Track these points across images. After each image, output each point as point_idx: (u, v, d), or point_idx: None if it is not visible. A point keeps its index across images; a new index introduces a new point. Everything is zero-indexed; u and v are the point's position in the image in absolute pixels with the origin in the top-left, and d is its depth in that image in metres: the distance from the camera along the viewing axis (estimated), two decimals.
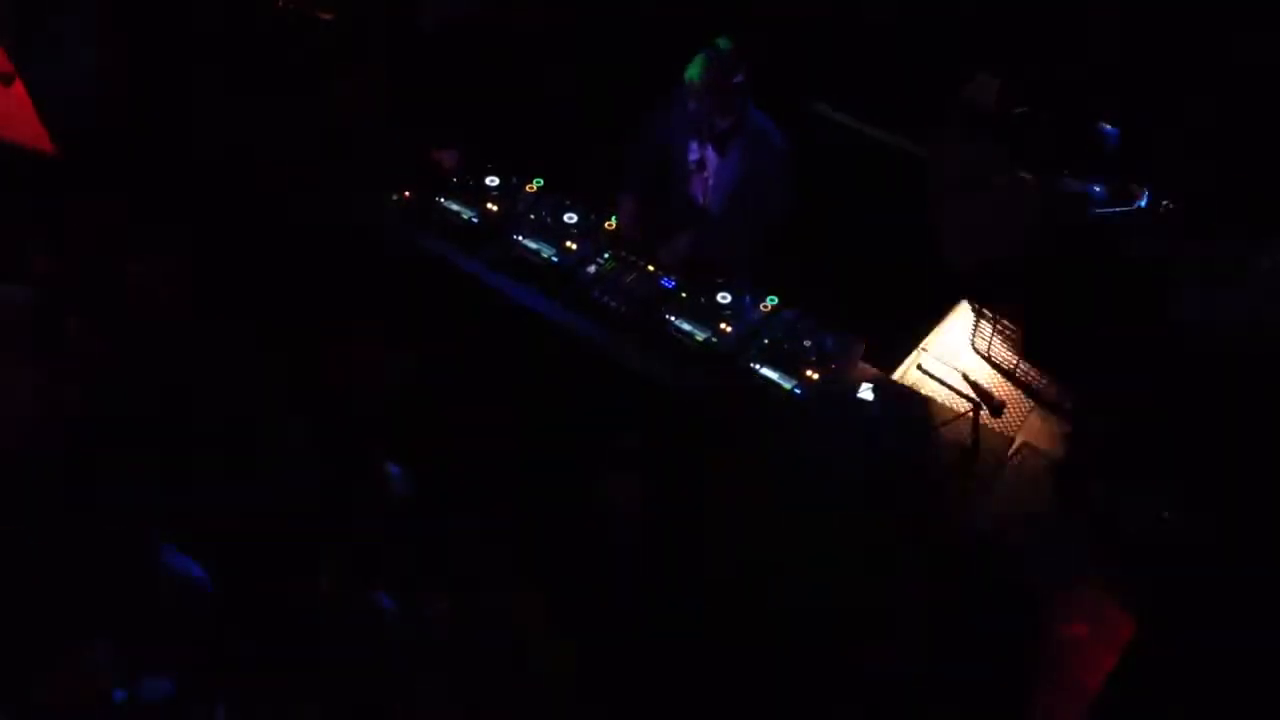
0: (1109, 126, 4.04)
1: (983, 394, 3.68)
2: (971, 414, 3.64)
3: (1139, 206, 3.92)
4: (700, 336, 3.96)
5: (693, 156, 4.28)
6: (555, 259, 4.20)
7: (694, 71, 4.02)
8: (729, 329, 3.97)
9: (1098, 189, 3.97)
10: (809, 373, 3.83)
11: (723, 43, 4.01)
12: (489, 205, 4.36)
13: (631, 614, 3.84)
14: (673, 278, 4.13)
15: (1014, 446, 3.69)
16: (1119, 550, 3.40)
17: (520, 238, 4.25)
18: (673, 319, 3.99)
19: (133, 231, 4.52)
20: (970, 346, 4.05)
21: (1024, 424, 3.81)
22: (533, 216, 4.33)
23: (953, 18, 4.31)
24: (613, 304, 4.07)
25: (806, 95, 4.79)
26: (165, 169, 4.66)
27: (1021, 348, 3.93)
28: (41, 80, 4.59)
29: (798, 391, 3.79)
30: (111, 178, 4.59)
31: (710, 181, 4.28)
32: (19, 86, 4.61)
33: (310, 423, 3.96)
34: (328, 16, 4.73)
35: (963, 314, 4.17)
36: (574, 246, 4.23)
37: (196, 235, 4.60)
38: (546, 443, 4.22)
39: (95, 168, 4.59)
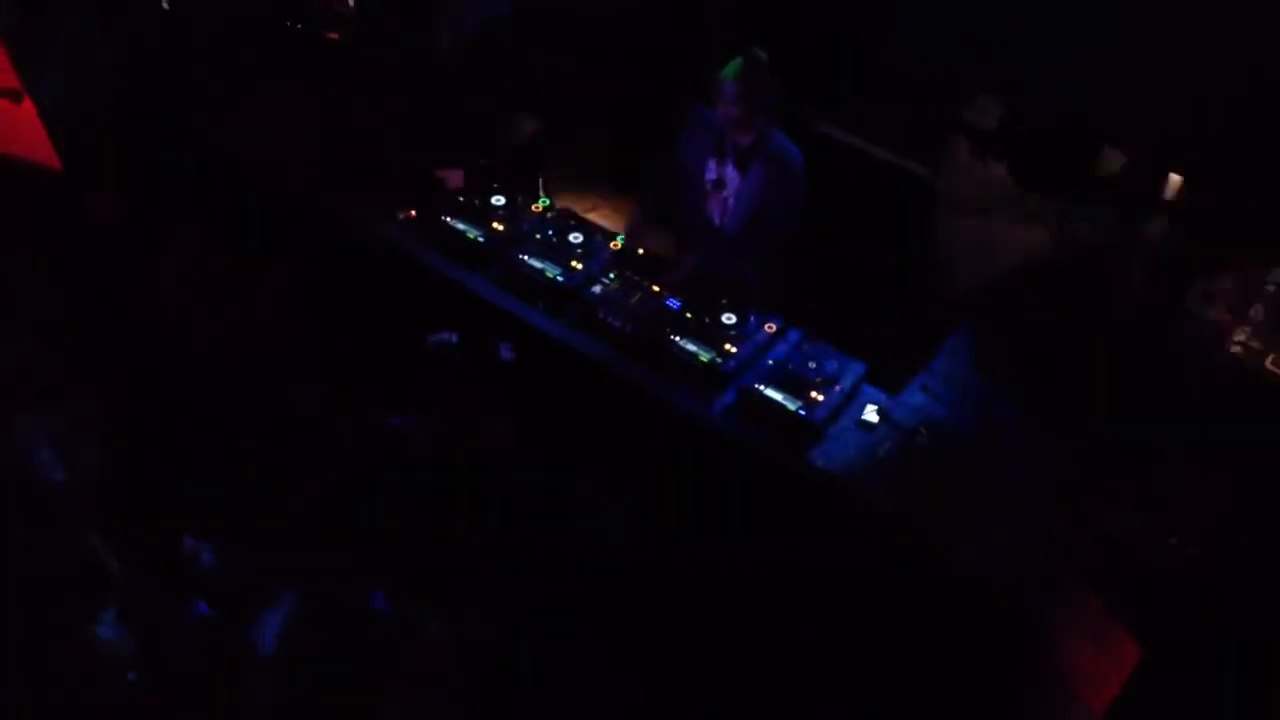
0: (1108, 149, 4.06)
1: None
2: None
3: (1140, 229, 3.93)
4: (705, 357, 3.96)
5: (710, 175, 4.27)
6: (560, 278, 4.20)
7: (731, 71, 3.99)
8: (734, 350, 3.98)
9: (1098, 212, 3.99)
10: (813, 394, 3.83)
11: (759, 51, 4.00)
12: (494, 224, 4.37)
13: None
14: (678, 298, 4.13)
15: None
16: (1123, 574, 3.40)
17: (525, 257, 4.26)
18: (677, 339, 4.00)
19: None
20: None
21: None
22: (538, 236, 4.34)
23: (957, 39, 4.32)
24: (617, 324, 4.07)
25: (814, 115, 4.80)
26: (170, 186, 4.69)
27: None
28: (50, 98, 4.61)
29: (802, 413, 3.79)
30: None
31: (730, 201, 4.28)
32: (28, 103, 4.64)
33: None
34: (334, 36, 4.76)
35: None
36: (579, 266, 4.24)
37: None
38: (548, 459, 4.24)
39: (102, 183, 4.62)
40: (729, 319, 4.07)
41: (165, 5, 4.91)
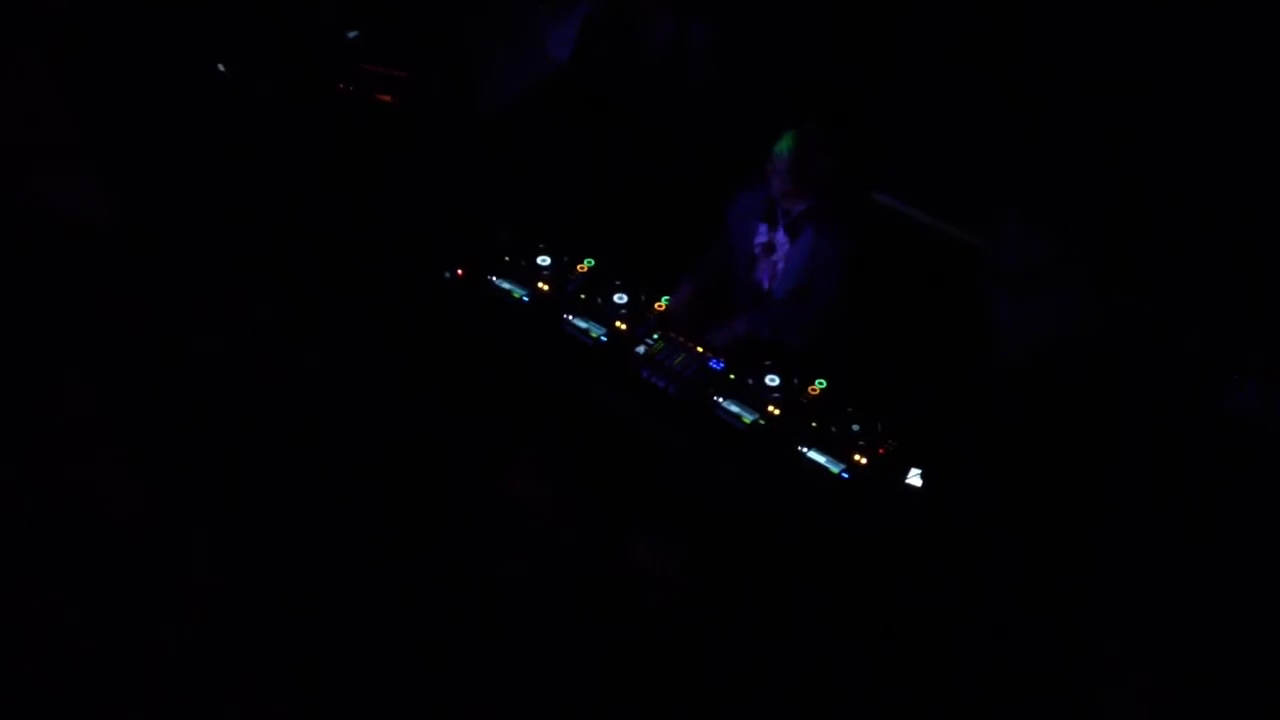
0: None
1: None
2: None
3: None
4: (748, 418, 3.97)
5: (760, 239, 4.33)
6: (604, 339, 4.24)
7: (783, 146, 4.09)
8: (777, 411, 3.98)
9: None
10: (857, 457, 3.83)
11: (812, 124, 4.07)
12: (540, 285, 4.43)
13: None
14: (721, 359, 4.15)
15: None
16: None
17: (570, 317, 4.30)
18: (721, 400, 4.01)
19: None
20: None
21: None
22: (583, 296, 4.39)
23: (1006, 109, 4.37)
24: (661, 384, 4.10)
25: (867, 184, 4.86)
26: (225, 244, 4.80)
27: None
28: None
29: (845, 476, 3.78)
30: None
31: (780, 266, 4.34)
32: None
33: None
34: (387, 99, 4.89)
35: None
36: (623, 326, 4.28)
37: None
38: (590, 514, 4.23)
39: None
40: (772, 380, 4.08)
41: (222, 68, 5.07)
